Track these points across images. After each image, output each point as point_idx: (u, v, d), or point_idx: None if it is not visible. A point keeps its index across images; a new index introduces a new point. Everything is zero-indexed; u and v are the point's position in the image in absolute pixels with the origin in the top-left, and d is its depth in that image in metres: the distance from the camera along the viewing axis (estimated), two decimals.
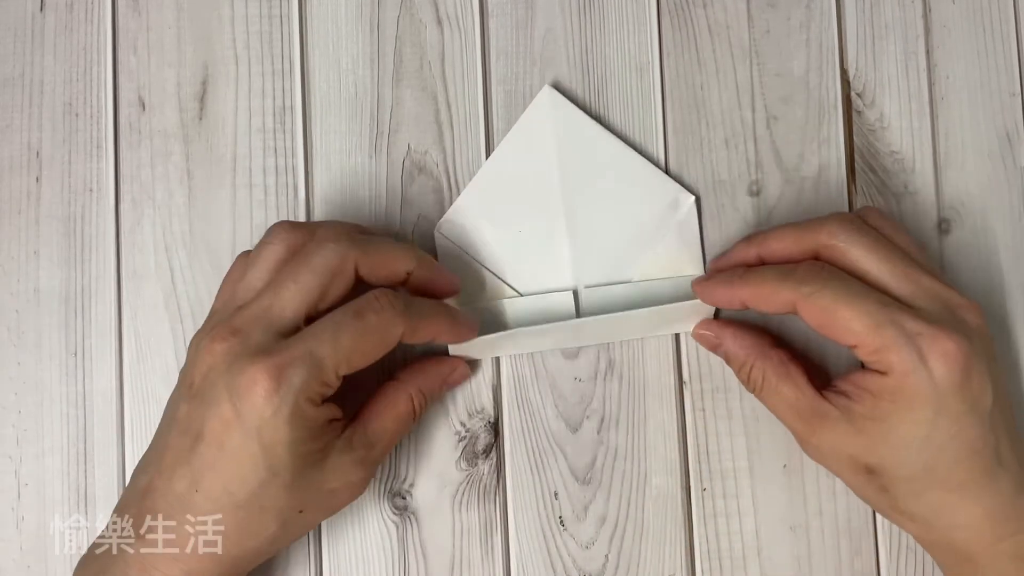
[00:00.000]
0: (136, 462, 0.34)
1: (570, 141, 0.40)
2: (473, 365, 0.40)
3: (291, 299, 0.33)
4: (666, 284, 0.40)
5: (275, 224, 0.36)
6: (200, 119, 0.41)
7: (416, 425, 0.38)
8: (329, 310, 0.33)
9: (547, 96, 0.41)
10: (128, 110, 0.41)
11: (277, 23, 0.42)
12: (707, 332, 0.39)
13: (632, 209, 0.40)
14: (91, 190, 0.41)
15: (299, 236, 0.35)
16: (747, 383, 0.37)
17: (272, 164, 0.41)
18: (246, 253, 0.36)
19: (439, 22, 0.42)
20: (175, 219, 0.41)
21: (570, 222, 0.40)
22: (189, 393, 0.33)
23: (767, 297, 0.35)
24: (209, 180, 0.41)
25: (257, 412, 0.31)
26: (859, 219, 0.36)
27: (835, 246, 0.35)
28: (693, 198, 0.40)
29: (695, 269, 0.40)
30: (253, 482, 0.32)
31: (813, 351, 0.40)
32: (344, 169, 0.41)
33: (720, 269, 0.38)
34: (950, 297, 0.34)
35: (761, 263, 0.37)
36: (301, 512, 0.33)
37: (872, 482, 0.35)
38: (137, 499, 0.33)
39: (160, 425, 0.35)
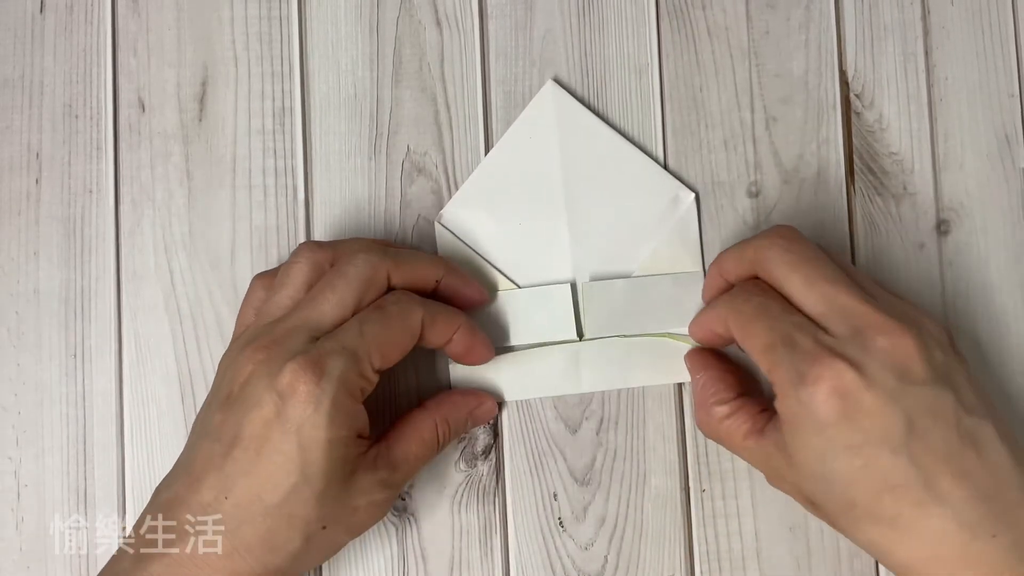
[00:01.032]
0: (136, 462, 0.34)
1: (572, 136, 0.40)
2: (500, 404, 0.40)
3: (329, 310, 0.33)
4: (665, 279, 0.40)
5: (300, 244, 0.36)
6: (200, 120, 0.41)
7: (440, 454, 0.38)
8: None
9: (550, 91, 0.41)
10: (128, 111, 0.41)
11: (277, 24, 0.42)
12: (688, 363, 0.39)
13: (632, 204, 0.40)
14: (91, 191, 0.41)
15: (324, 255, 0.35)
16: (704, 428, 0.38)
17: (272, 165, 0.41)
18: (262, 275, 0.37)
19: (438, 23, 0.42)
20: (175, 220, 0.41)
21: (571, 216, 0.40)
22: (225, 403, 0.33)
23: (720, 326, 0.36)
24: (209, 181, 0.41)
25: (300, 407, 0.31)
26: (793, 233, 0.35)
27: (762, 262, 0.35)
28: (693, 195, 0.41)
29: (694, 265, 0.40)
30: (285, 486, 0.31)
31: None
32: (344, 170, 0.41)
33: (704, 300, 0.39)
34: (864, 317, 0.32)
35: (731, 286, 0.37)
36: (324, 528, 0.33)
37: (817, 513, 0.34)
38: (158, 512, 0.33)
39: (187, 443, 0.35)
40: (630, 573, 0.39)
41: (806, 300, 0.33)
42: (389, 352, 0.34)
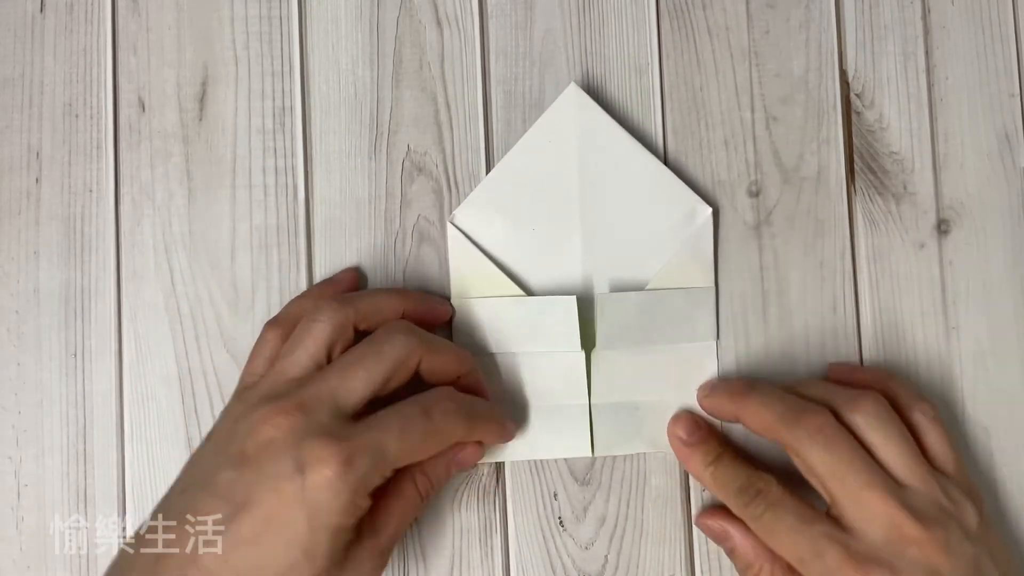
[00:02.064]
0: (136, 462, 0.34)
1: (592, 142, 0.40)
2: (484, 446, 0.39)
3: (359, 385, 0.33)
4: (677, 294, 0.40)
5: (320, 298, 0.36)
6: (200, 120, 0.41)
7: (425, 509, 0.37)
8: (388, 396, 0.34)
9: (573, 95, 0.40)
10: (128, 111, 0.41)
11: (277, 24, 0.42)
12: (713, 523, 0.38)
13: (648, 216, 0.40)
14: (91, 191, 0.41)
15: (347, 315, 0.35)
16: (731, 556, 0.38)
17: (272, 165, 0.41)
18: (275, 323, 0.37)
19: (438, 23, 0.42)
20: (175, 220, 0.41)
21: (584, 224, 0.40)
22: (238, 461, 0.32)
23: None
24: (209, 181, 0.41)
25: (321, 492, 0.31)
26: (833, 431, 0.35)
27: (799, 457, 0.35)
28: (710, 210, 0.40)
29: (706, 280, 0.40)
30: (288, 561, 0.31)
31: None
32: (344, 170, 0.41)
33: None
34: (898, 528, 0.33)
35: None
36: None
37: None
38: (150, 566, 0.31)
39: (182, 480, 0.34)
40: (630, 573, 0.39)
41: (841, 500, 0.34)
42: (417, 458, 0.34)
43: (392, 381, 0.34)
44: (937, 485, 0.34)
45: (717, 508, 0.38)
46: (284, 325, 0.36)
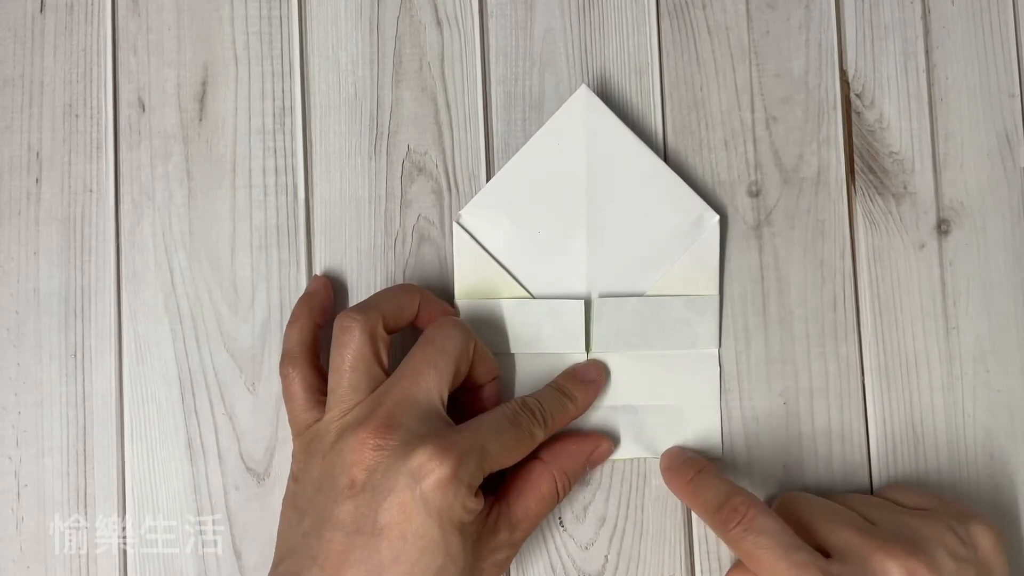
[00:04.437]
0: (136, 462, 0.34)
1: (600, 146, 0.40)
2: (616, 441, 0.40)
3: (433, 384, 0.34)
4: (679, 301, 0.40)
5: (343, 315, 0.35)
6: (200, 120, 0.41)
7: (559, 504, 0.38)
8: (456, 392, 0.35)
9: (583, 97, 0.40)
10: (128, 111, 0.41)
11: (277, 24, 0.42)
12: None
13: (654, 222, 0.40)
14: (91, 191, 0.41)
15: (375, 320, 0.35)
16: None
17: (272, 165, 0.41)
18: (286, 359, 0.37)
19: (438, 23, 0.42)
20: (175, 220, 0.41)
21: (590, 228, 0.40)
22: (352, 491, 0.32)
23: (703, 517, 0.36)
24: (209, 181, 0.41)
25: (440, 495, 0.31)
26: (793, 501, 0.36)
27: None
28: (717, 217, 0.40)
29: (710, 288, 0.40)
30: (434, 568, 0.31)
31: None
32: (344, 170, 0.41)
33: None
34: (864, 547, 0.33)
35: None
36: None
37: None
38: None
39: (289, 536, 0.34)
40: (630, 573, 0.39)
41: (815, 535, 0.35)
42: (507, 463, 0.35)
43: (459, 375, 0.35)
44: (914, 516, 0.35)
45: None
46: (297, 357, 0.37)
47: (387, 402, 0.33)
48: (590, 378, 0.39)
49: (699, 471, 0.37)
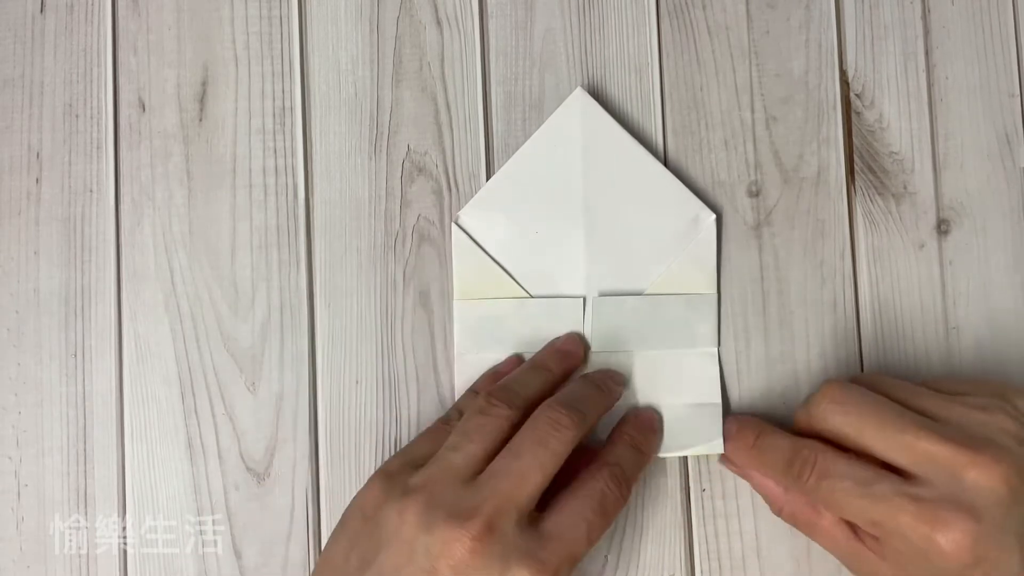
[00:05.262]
0: (136, 462, 0.34)
1: (596, 147, 0.40)
2: None
3: (535, 489, 0.33)
4: (677, 300, 0.40)
5: (493, 396, 0.35)
6: (200, 120, 0.41)
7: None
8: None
9: (578, 99, 0.40)
10: (128, 111, 0.41)
11: (277, 24, 0.42)
12: (732, 466, 0.39)
13: (651, 222, 0.40)
14: (91, 191, 0.41)
15: (518, 416, 0.35)
16: (780, 514, 0.37)
17: (272, 165, 0.41)
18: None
19: (438, 23, 0.42)
20: (175, 220, 0.41)
21: (588, 228, 0.40)
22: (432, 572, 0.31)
23: (775, 477, 0.36)
24: (209, 181, 0.41)
25: None
26: (841, 392, 0.35)
27: (828, 431, 0.35)
28: (714, 216, 0.40)
29: (708, 287, 0.40)
30: None
31: None
32: (344, 170, 0.41)
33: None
34: (953, 459, 0.32)
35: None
36: None
37: None
38: None
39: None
40: (630, 573, 0.39)
41: (888, 454, 0.33)
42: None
43: (559, 467, 0.34)
44: (967, 406, 0.34)
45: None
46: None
47: (490, 503, 0.32)
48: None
49: (759, 435, 0.37)
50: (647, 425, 0.38)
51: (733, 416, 0.39)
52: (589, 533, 0.33)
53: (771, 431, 0.37)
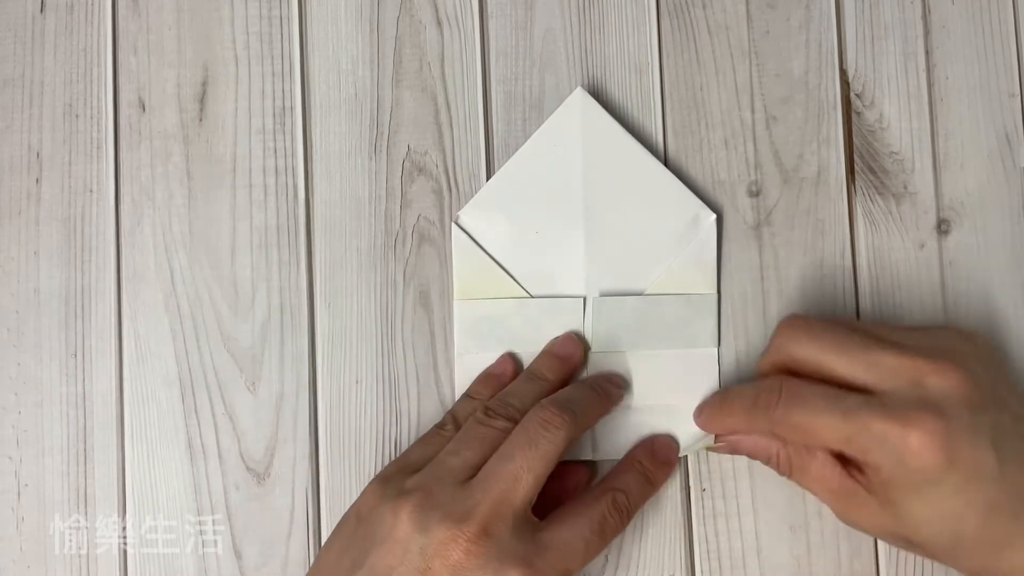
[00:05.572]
0: (136, 462, 0.34)
1: (596, 146, 0.40)
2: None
3: (529, 490, 0.33)
4: (677, 300, 0.40)
5: (494, 404, 0.36)
6: (200, 120, 0.41)
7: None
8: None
9: (578, 99, 0.40)
10: (128, 111, 0.41)
11: (277, 24, 0.42)
12: (720, 444, 0.38)
13: (652, 221, 0.40)
14: (91, 191, 0.41)
15: (512, 424, 0.35)
16: (778, 469, 0.37)
17: (272, 165, 0.41)
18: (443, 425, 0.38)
19: (439, 23, 0.42)
20: (175, 220, 0.41)
21: (588, 228, 0.40)
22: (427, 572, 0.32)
23: (747, 427, 0.36)
24: (209, 181, 0.41)
25: None
26: (805, 321, 0.36)
27: (789, 359, 0.35)
28: (714, 216, 0.40)
29: (708, 287, 0.40)
30: None
31: None
32: (344, 170, 0.41)
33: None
34: (914, 368, 0.33)
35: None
36: None
37: (915, 550, 0.35)
38: None
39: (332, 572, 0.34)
40: (630, 573, 0.39)
41: (850, 374, 0.34)
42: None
43: (552, 467, 0.34)
44: (918, 331, 0.35)
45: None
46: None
47: (484, 504, 0.32)
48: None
49: (723, 394, 0.38)
50: (662, 456, 0.39)
51: (700, 402, 0.39)
52: (586, 552, 0.34)
53: (731, 389, 0.37)
